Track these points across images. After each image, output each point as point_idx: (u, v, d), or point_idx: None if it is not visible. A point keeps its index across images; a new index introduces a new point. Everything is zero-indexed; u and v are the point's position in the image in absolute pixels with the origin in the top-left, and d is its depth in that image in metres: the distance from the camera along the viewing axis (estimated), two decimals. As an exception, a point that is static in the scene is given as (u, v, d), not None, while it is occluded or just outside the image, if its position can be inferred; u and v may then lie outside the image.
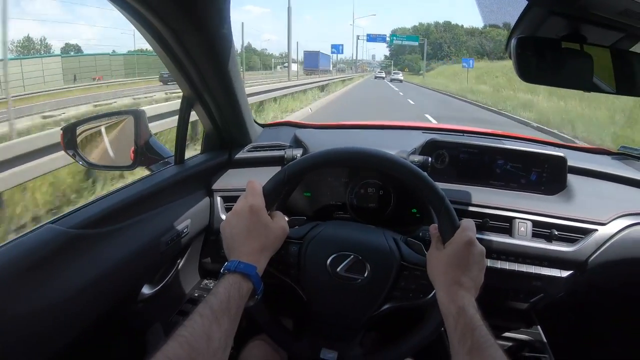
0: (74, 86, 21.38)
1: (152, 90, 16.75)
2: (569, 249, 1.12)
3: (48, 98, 15.24)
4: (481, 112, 15.77)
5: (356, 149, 0.84)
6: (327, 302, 0.85)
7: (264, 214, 0.77)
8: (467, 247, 0.74)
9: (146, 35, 0.91)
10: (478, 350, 0.61)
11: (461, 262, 0.73)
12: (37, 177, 3.58)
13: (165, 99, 10.73)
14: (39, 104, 11.95)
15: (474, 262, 0.74)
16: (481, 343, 0.61)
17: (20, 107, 9.99)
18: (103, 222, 0.83)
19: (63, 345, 0.75)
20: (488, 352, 0.60)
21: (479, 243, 0.75)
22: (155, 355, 0.53)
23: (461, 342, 0.63)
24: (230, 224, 0.76)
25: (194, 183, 1.18)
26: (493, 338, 0.63)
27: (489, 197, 1.20)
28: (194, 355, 0.55)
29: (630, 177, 1.30)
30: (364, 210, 1.22)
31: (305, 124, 1.61)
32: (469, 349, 0.62)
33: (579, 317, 1.46)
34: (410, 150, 1.27)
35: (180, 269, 1.19)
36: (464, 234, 0.75)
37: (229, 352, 0.63)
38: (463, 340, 0.63)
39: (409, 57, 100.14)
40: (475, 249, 0.74)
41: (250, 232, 0.75)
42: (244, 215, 0.76)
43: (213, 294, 0.65)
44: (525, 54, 0.81)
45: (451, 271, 0.73)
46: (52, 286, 0.71)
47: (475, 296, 0.72)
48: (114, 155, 1.20)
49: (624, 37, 0.83)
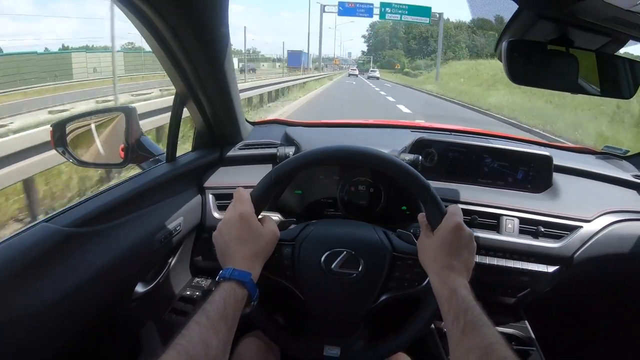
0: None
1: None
2: (555, 245, 1.15)
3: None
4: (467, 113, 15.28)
5: (339, 147, 0.85)
6: (324, 300, 0.87)
7: (254, 221, 0.79)
8: (455, 231, 0.76)
9: (143, 31, 0.91)
10: (471, 330, 0.62)
11: (451, 246, 0.75)
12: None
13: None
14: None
15: (464, 245, 0.76)
16: (474, 322, 0.63)
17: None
18: (96, 220, 0.83)
19: (58, 345, 0.75)
20: (481, 330, 0.61)
21: (466, 227, 0.77)
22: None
23: (454, 323, 0.65)
24: (221, 233, 0.78)
25: (185, 181, 1.17)
26: (486, 317, 0.64)
27: (477, 194, 1.22)
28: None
29: (613, 175, 1.34)
30: (355, 208, 1.24)
31: (295, 122, 1.62)
32: (462, 329, 0.63)
33: (566, 311, 1.50)
34: (400, 148, 1.28)
35: (172, 267, 1.19)
36: (452, 219, 0.77)
37: (227, 359, 0.64)
38: (456, 321, 0.65)
39: (390, 52, 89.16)
40: (463, 232, 0.76)
41: (242, 240, 0.76)
42: (234, 223, 0.77)
43: (209, 302, 0.66)
44: (514, 56, 0.83)
45: (442, 256, 0.75)
46: (47, 285, 0.71)
47: (467, 279, 0.74)
48: (104, 153, 1.18)
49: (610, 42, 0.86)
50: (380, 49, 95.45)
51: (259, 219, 0.81)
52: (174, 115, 1.13)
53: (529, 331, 1.25)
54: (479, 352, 0.58)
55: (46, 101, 11.58)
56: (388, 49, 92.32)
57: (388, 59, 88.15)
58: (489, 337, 0.60)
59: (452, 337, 0.65)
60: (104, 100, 11.11)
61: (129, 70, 25.54)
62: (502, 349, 0.58)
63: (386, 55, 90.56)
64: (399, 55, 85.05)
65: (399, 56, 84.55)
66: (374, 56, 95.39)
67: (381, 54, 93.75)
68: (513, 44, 0.83)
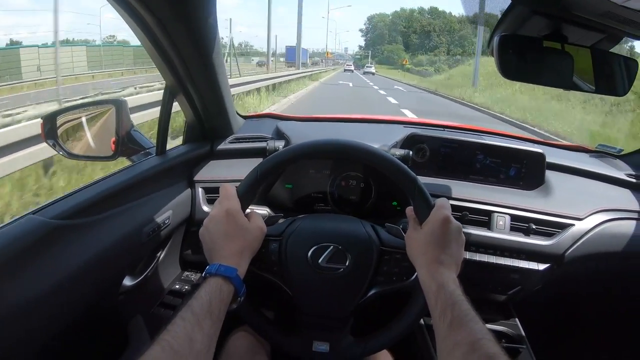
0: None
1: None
2: (546, 243, 1.14)
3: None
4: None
5: (325, 140, 0.85)
6: (312, 295, 0.86)
7: (241, 217, 0.78)
8: (443, 224, 0.75)
9: (131, 23, 0.90)
10: (459, 325, 0.62)
11: (439, 240, 0.74)
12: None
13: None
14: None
15: (452, 239, 0.75)
16: (462, 317, 0.62)
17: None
18: (84, 213, 0.82)
19: (44, 338, 0.74)
20: (469, 325, 0.61)
21: (455, 220, 0.76)
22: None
23: (442, 318, 0.64)
24: (208, 229, 0.77)
25: (175, 174, 1.17)
26: (474, 312, 0.63)
27: (468, 191, 1.22)
28: (176, 359, 0.56)
29: (607, 174, 1.34)
30: (346, 202, 1.23)
31: (287, 117, 1.61)
32: (449, 323, 0.62)
33: (556, 309, 1.50)
34: (391, 143, 1.28)
35: (161, 261, 1.18)
36: (440, 212, 0.76)
37: (213, 354, 0.63)
38: (443, 316, 0.64)
39: (389, 47, 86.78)
40: (451, 225, 0.75)
41: (229, 236, 0.76)
42: (220, 220, 0.77)
43: (195, 298, 0.65)
44: (507, 52, 0.83)
45: (430, 250, 0.74)
46: (33, 278, 0.70)
47: (456, 273, 0.73)
48: (94, 146, 1.18)
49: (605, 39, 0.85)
50: (379, 43, 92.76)
51: (245, 214, 0.80)
52: (163, 108, 1.12)
53: (519, 329, 1.24)
54: (466, 348, 0.58)
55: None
56: (387, 44, 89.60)
57: (387, 54, 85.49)
58: (476, 333, 0.59)
59: (439, 332, 0.65)
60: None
61: (93, 67, 24.19)
62: (489, 345, 0.57)
63: (385, 50, 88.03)
64: (398, 50, 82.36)
65: (399, 51, 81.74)
66: (373, 51, 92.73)
67: (380, 49, 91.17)
68: (505, 39, 0.82)
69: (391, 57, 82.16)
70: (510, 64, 0.83)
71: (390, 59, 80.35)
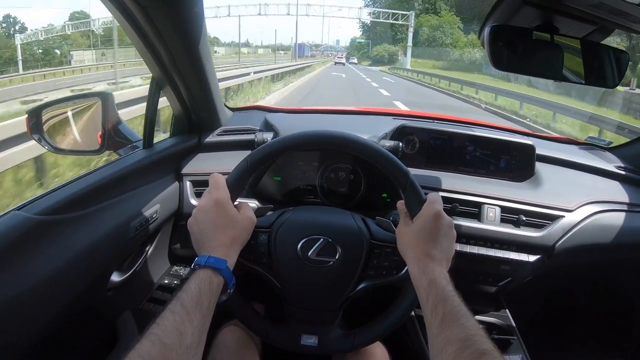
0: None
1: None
2: (536, 234, 1.15)
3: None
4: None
5: (315, 131, 0.84)
6: (301, 288, 0.85)
7: (230, 207, 0.77)
8: (435, 219, 0.74)
9: (114, 11, 0.87)
10: (450, 321, 0.61)
11: (430, 235, 0.74)
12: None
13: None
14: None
15: (443, 234, 0.74)
16: (453, 313, 0.62)
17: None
18: (70, 208, 0.81)
19: (31, 335, 0.73)
20: (461, 321, 0.61)
21: (446, 215, 0.76)
22: (128, 355, 0.52)
23: (433, 314, 0.64)
24: (197, 220, 0.76)
25: (163, 167, 1.15)
26: (465, 308, 0.63)
27: (458, 182, 1.21)
28: (166, 352, 0.55)
29: (596, 166, 1.35)
30: (335, 194, 1.23)
31: (276, 109, 1.60)
32: (441, 320, 0.62)
33: (547, 300, 1.52)
34: (381, 135, 1.27)
35: (149, 256, 1.17)
36: (431, 207, 0.76)
37: (203, 347, 0.63)
38: (435, 312, 0.64)
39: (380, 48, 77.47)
40: (443, 220, 0.75)
41: (218, 227, 0.75)
42: (210, 210, 0.75)
43: (184, 290, 0.64)
44: (498, 43, 0.82)
45: (421, 245, 0.74)
46: (18, 274, 0.69)
47: (447, 268, 0.73)
48: (81, 140, 1.16)
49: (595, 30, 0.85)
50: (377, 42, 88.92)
51: (235, 205, 0.79)
52: (150, 100, 1.10)
53: (509, 320, 1.25)
54: (458, 344, 0.57)
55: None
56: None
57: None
58: (468, 329, 0.59)
59: (431, 328, 0.64)
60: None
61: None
62: (481, 341, 0.57)
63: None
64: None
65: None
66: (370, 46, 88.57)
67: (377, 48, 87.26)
68: (496, 30, 0.81)
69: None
70: (501, 55, 0.82)
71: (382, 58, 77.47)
